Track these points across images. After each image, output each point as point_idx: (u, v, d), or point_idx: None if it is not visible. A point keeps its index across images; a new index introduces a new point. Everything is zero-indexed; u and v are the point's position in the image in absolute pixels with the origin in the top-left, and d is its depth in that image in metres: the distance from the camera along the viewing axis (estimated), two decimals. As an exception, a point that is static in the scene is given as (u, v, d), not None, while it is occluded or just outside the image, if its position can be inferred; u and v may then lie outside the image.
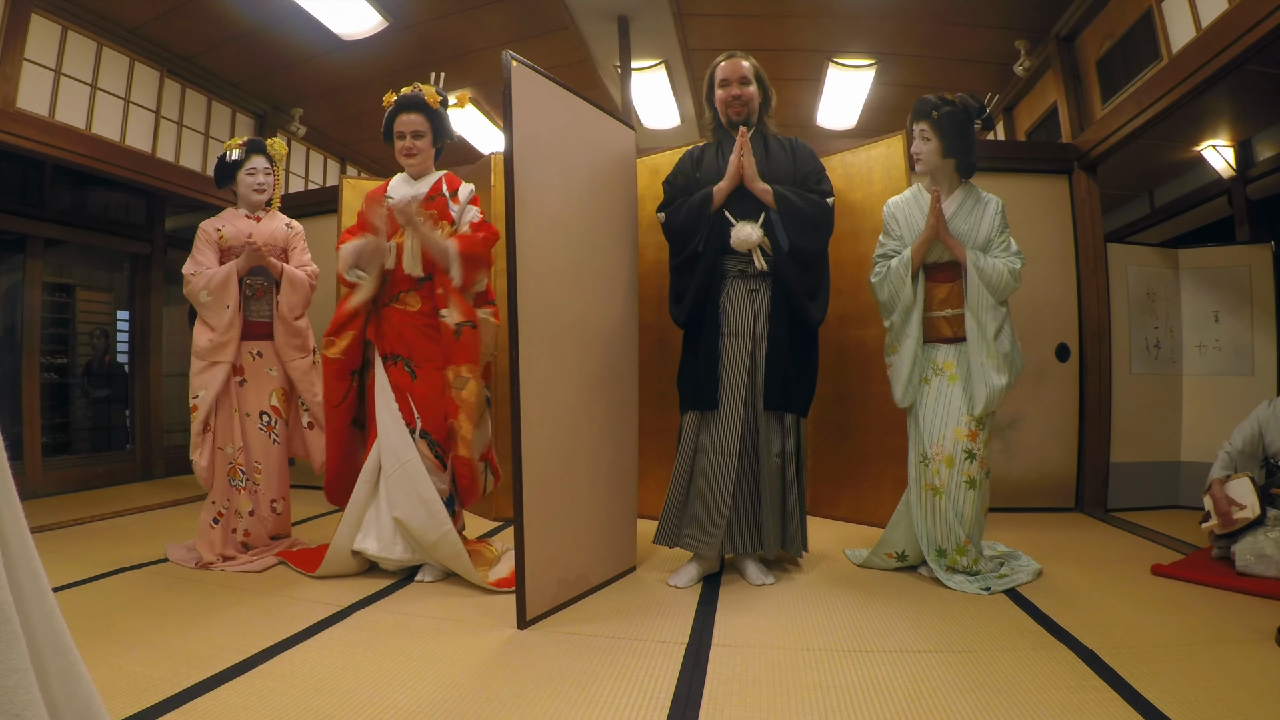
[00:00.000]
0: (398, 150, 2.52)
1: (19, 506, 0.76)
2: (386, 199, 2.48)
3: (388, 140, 2.57)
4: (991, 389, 2.30)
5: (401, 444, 2.36)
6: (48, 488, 4.17)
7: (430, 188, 2.53)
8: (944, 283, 2.42)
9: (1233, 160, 4.60)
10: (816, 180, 2.45)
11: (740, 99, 2.44)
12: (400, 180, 2.58)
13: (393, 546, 2.38)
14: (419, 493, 2.32)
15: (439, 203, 2.49)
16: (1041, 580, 2.37)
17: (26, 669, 0.70)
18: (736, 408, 2.34)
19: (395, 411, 2.39)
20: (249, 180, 2.82)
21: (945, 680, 1.60)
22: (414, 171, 2.55)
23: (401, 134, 2.50)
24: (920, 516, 2.38)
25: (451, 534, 2.32)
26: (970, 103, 2.36)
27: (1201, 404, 3.67)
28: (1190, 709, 1.44)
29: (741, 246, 2.35)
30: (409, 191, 2.52)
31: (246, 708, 1.49)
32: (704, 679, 1.63)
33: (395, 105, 2.50)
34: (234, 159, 2.81)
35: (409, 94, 2.49)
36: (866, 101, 4.99)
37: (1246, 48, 2.58)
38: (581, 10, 3.95)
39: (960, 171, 2.43)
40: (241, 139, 2.88)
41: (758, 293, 2.40)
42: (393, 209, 2.39)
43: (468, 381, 2.40)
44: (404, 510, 2.33)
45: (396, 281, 2.46)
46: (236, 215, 2.83)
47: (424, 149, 2.52)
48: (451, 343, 2.38)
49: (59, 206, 4.45)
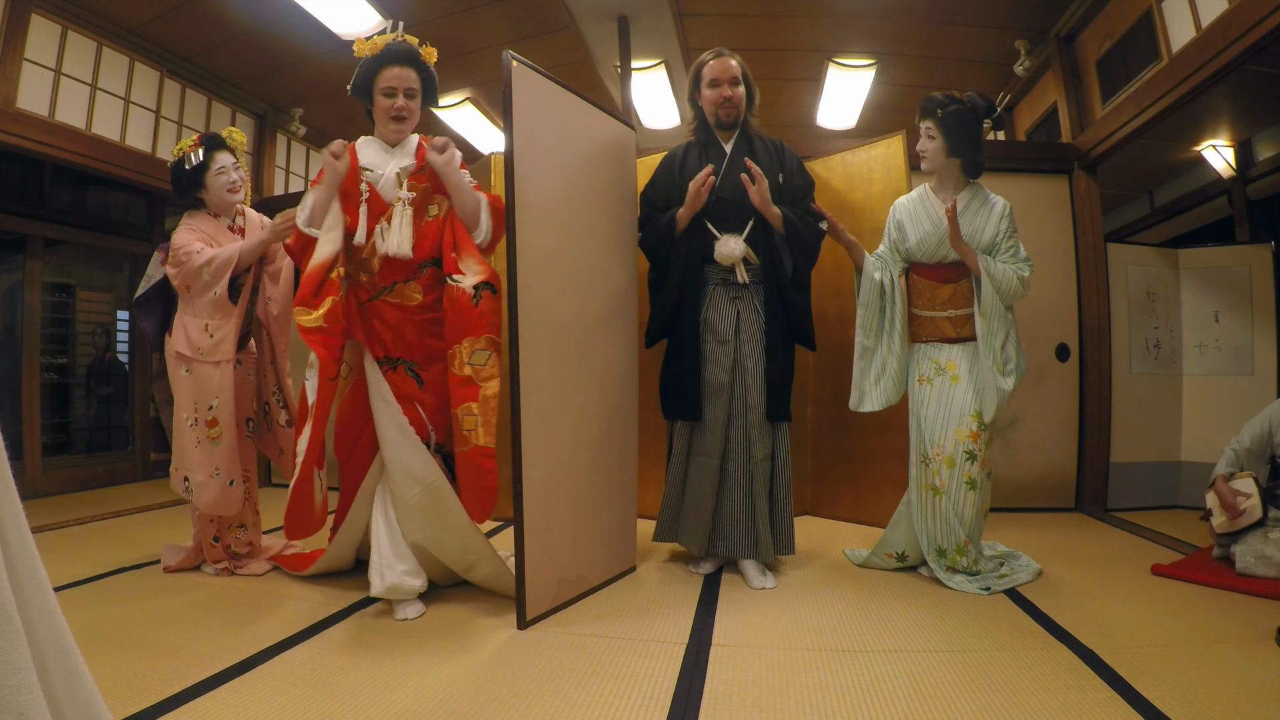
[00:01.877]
0: (383, 110, 2.12)
1: (19, 506, 0.76)
2: (363, 171, 2.13)
3: (363, 96, 2.16)
4: (1001, 394, 2.30)
5: (420, 462, 2.06)
6: (48, 488, 4.17)
7: (416, 156, 2.18)
8: (949, 283, 2.41)
9: (1233, 160, 4.60)
10: (808, 200, 2.46)
11: (731, 100, 2.41)
12: (375, 148, 2.17)
13: (415, 575, 2.07)
14: (448, 517, 2.07)
15: (429, 172, 2.15)
16: (1041, 580, 2.36)
17: (30, 668, 0.70)
18: (722, 413, 2.36)
19: (405, 425, 2.06)
20: (221, 181, 2.52)
21: (945, 680, 1.60)
22: (397, 138, 2.17)
23: (391, 90, 2.10)
24: (920, 516, 2.38)
25: (489, 553, 2.11)
26: (979, 102, 2.33)
27: (1201, 404, 3.67)
28: (1190, 709, 1.44)
29: (726, 260, 2.37)
30: (389, 160, 2.15)
31: (246, 708, 1.49)
32: (704, 679, 1.63)
33: (382, 55, 2.09)
34: (197, 162, 2.50)
35: (399, 43, 2.10)
36: (866, 101, 4.99)
37: (1246, 48, 2.58)
38: (581, 10, 3.95)
39: (966, 171, 2.40)
40: (192, 138, 2.56)
41: (740, 300, 2.41)
42: (430, 161, 2.07)
43: (490, 355, 2.03)
44: (428, 535, 2.09)
45: (387, 271, 2.11)
46: (216, 228, 2.55)
47: (415, 111, 2.16)
48: (468, 311, 2.00)
49: (59, 206, 4.45)
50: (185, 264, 2.41)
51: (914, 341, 2.48)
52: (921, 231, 2.42)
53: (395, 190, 2.11)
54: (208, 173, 2.52)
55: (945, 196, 2.41)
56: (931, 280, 2.43)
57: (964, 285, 2.40)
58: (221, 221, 2.59)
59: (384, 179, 2.13)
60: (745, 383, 2.36)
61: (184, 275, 2.42)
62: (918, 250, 2.43)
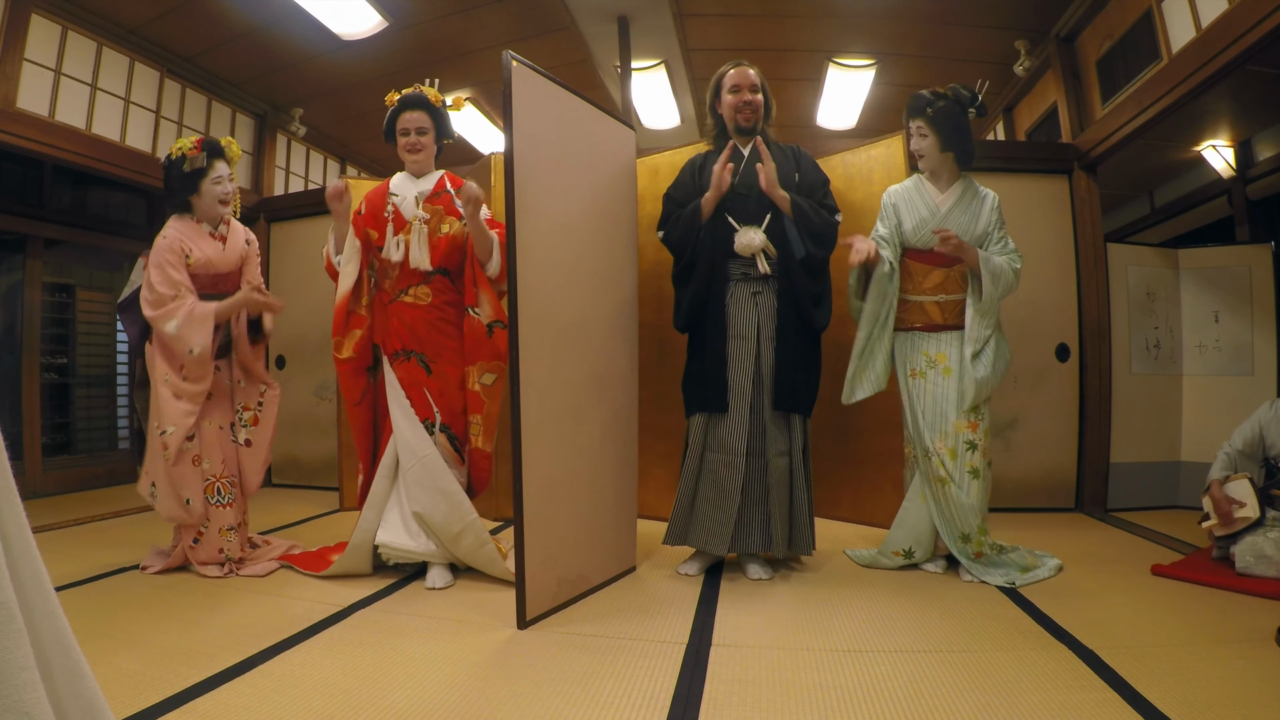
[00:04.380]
0: (401, 147, 2.54)
1: (20, 506, 0.76)
2: (390, 196, 2.50)
3: (390, 139, 2.59)
4: (979, 384, 2.35)
5: (417, 439, 2.37)
6: (48, 488, 4.17)
7: (435, 184, 2.56)
8: (940, 266, 2.43)
9: (1233, 160, 4.60)
10: (823, 194, 2.50)
11: (751, 105, 2.48)
12: (403, 178, 2.59)
13: (415, 539, 2.37)
14: (439, 486, 2.34)
15: (445, 199, 2.52)
16: (1042, 580, 2.37)
17: (33, 667, 0.71)
18: (743, 408, 2.37)
19: (407, 407, 2.40)
20: (215, 190, 2.53)
21: (945, 680, 1.61)
22: (417, 168, 2.56)
23: (405, 130, 2.51)
24: (936, 509, 2.39)
25: (476, 524, 2.36)
26: (962, 93, 2.41)
27: (1201, 404, 3.67)
28: (1190, 709, 1.44)
29: (745, 251, 2.40)
30: (413, 189, 2.53)
31: (246, 708, 1.49)
32: (704, 679, 1.63)
33: (399, 104, 2.52)
34: (197, 167, 2.50)
35: (412, 93, 2.53)
36: (866, 101, 4.99)
37: (1246, 48, 2.58)
38: (581, 10, 3.95)
39: (960, 162, 2.47)
40: (193, 140, 2.54)
41: (761, 295, 2.44)
42: (458, 194, 2.42)
43: (496, 378, 2.46)
44: (424, 504, 2.35)
45: (404, 276, 2.46)
46: (198, 234, 2.54)
47: (428, 145, 2.53)
48: (483, 340, 2.42)
49: (59, 206, 4.45)
50: (159, 309, 2.41)
51: (898, 329, 2.51)
52: (917, 218, 2.46)
53: (414, 210, 2.49)
54: (205, 179, 2.52)
55: (940, 186, 2.49)
56: (924, 264, 2.46)
57: (954, 272, 2.44)
58: (204, 228, 2.58)
59: (405, 201, 2.50)
60: (763, 377, 2.39)
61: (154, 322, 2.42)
62: (913, 236, 2.47)
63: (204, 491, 2.50)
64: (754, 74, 2.50)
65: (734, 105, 2.48)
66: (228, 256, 2.61)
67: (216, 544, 2.52)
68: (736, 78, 2.49)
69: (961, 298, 2.44)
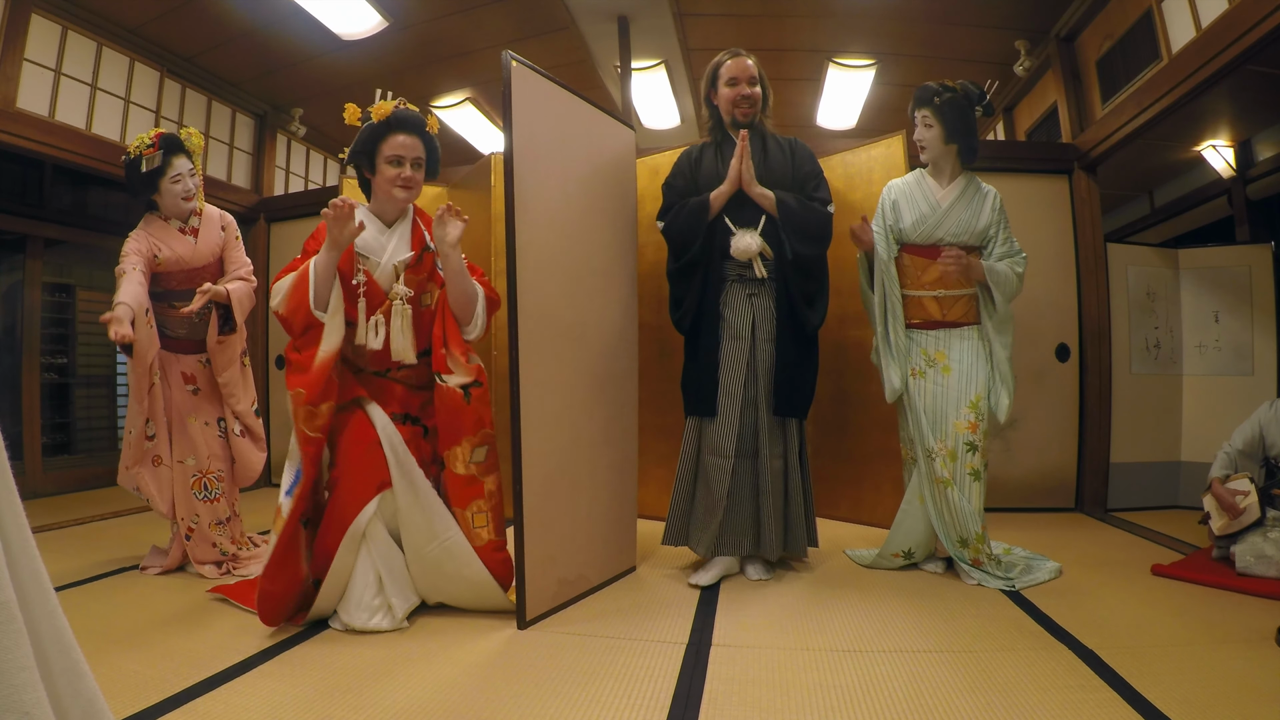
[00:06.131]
0: (389, 179, 2.03)
1: (20, 506, 0.76)
2: (359, 258, 2.02)
3: (365, 162, 2.06)
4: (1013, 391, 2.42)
5: (439, 519, 1.98)
6: (47, 488, 4.17)
7: (412, 240, 2.08)
8: (939, 261, 2.42)
9: (1233, 160, 4.60)
10: (815, 185, 2.45)
11: (749, 99, 2.42)
12: (372, 228, 2.05)
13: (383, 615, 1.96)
14: (465, 575, 2.00)
15: (427, 261, 2.08)
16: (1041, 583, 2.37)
17: (33, 666, 0.71)
18: (734, 411, 2.35)
19: (413, 467, 1.96)
20: (175, 189, 2.46)
21: (945, 680, 1.61)
22: (395, 208, 2.08)
23: (399, 159, 2.03)
24: (935, 511, 2.38)
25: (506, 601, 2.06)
26: (971, 89, 2.40)
27: (1201, 404, 3.67)
28: (1190, 709, 1.44)
29: (742, 255, 2.36)
30: (388, 248, 2.05)
31: (247, 708, 1.49)
32: (704, 679, 1.63)
33: (388, 123, 2.02)
34: (154, 166, 2.42)
35: (405, 112, 2.05)
36: (866, 101, 4.99)
37: (1246, 48, 2.58)
38: (581, 10, 3.95)
39: (963, 157, 2.46)
40: (150, 135, 2.44)
41: (756, 296, 2.41)
42: (433, 233, 2.02)
43: (486, 450, 2.00)
44: (449, 594, 2.07)
45: (379, 360, 2.07)
46: (167, 232, 2.50)
47: (419, 183, 2.08)
48: (461, 409, 1.97)
49: (59, 206, 4.45)
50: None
51: None
52: (918, 213, 2.45)
53: (392, 282, 2.04)
54: (163, 178, 2.46)
55: (942, 181, 2.48)
56: (923, 259, 2.45)
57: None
58: (173, 225, 2.54)
59: (381, 270, 2.04)
60: (758, 379, 2.36)
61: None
62: (912, 232, 2.46)
63: (190, 487, 2.51)
64: (752, 64, 2.43)
65: (732, 99, 2.43)
66: (200, 251, 2.55)
67: (209, 539, 2.52)
68: (734, 69, 2.43)
69: (960, 293, 2.43)
